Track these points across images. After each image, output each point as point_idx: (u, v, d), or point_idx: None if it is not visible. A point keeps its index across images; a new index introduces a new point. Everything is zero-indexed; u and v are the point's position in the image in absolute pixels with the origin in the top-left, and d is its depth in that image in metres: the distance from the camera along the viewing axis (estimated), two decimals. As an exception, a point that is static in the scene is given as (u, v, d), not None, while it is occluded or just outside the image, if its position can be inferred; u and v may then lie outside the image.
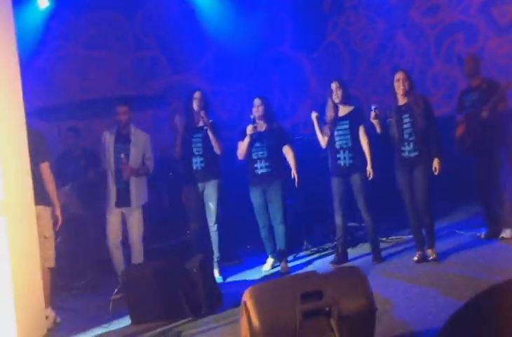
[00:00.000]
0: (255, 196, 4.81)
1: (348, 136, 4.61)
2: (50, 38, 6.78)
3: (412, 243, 4.67)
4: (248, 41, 7.17)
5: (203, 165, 4.70)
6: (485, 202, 4.84)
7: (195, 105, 4.74)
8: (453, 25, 6.54)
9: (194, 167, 4.71)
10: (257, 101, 4.80)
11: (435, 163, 4.29)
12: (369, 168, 4.56)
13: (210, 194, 4.70)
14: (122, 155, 4.61)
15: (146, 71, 7.31)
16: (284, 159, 4.85)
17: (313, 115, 4.70)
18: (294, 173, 4.75)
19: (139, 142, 4.74)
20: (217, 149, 4.69)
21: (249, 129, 4.69)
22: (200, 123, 4.73)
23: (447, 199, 5.67)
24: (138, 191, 4.71)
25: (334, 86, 4.65)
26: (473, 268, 4.09)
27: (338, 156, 4.63)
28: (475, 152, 4.76)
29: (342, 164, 4.62)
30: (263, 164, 4.73)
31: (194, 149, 4.71)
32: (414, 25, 6.87)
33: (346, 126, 4.61)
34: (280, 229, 4.75)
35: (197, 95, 4.75)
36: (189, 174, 4.77)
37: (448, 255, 4.48)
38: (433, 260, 4.36)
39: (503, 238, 4.70)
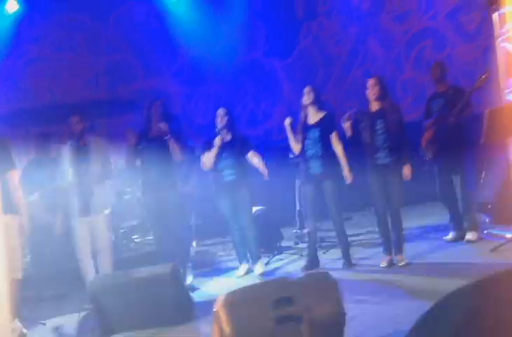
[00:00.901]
0: (224, 203, 4.85)
1: (319, 144, 4.63)
2: (20, 42, 6.68)
3: (381, 248, 4.72)
4: (222, 46, 7.19)
5: (160, 174, 4.63)
6: (450, 206, 4.94)
7: (153, 113, 4.69)
8: (422, 32, 6.69)
9: (153, 176, 4.66)
10: (220, 111, 4.81)
11: (406, 169, 4.37)
12: (346, 172, 4.58)
13: (175, 202, 4.67)
14: (82, 166, 4.55)
15: (118, 76, 7.24)
16: (248, 167, 4.90)
17: (287, 121, 4.72)
18: (263, 170, 4.77)
19: (98, 150, 4.68)
20: (178, 157, 4.64)
21: (217, 140, 4.73)
22: (159, 133, 4.65)
23: (414, 202, 5.77)
24: (100, 198, 4.62)
25: (306, 90, 4.70)
26: (441, 271, 4.18)
27: (309, 163, 4.67)
28: (442, 157, 4.85)
29: (313, 172, 4.66)
30: (230, 171, 4.77)
31: (151, 158, 4.64)
32: (385, 31, 7.00)
33: (317, 134, 4.64)
34: (250, 233, 4.80)
35: (157, 103, 4.72)
36: (149, 182, 4.71)
37: (416, 258, 4.56)
38: (401, 265, 4.43)
39: (468, 241, 4.80)
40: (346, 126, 4.43)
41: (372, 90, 4.41)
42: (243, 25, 7.36)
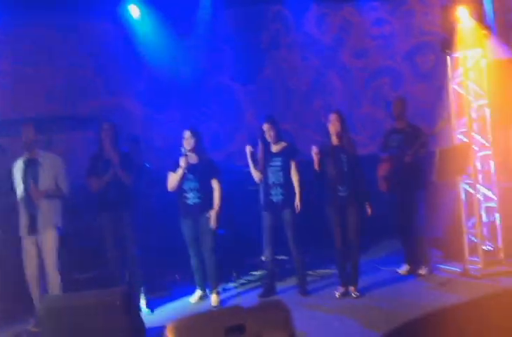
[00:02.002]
0: (187, 227, 4.79)
1: (281, 173, 4.73)
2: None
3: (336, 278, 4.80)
4: (187, 69, 7.22)
5: (116, 194, 4.64)
6: (404, 240, 5.10)
7: (104, 136, 4.70)
8: (380, 70, 6.96)
9: (108, 196, 4.65)
10: (186, 133, 4.78)
11: (367, 206, 4.51)
12: (297, 202, 4.68)
13: (128, 223, 4.66)
14: (31, 180, 4.43)
15: (78, 91, 7.13)
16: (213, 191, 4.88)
17: (247, 150, 4.78)
18: (215, 208, 4.73)
19: (49, 164, 4.55)
20: (125, 180, 4.64)
21: (182, 161, 4.68)
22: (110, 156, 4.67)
23: (369, 234, 5.89)
24: (49, 215, 4.47)
25: (265, 127, 4.76)
26: (392, 303, 4.31)
27: (271, 191, 4.73)
28: (397, 192, 5.02)
29: (274, 200, 4.73)
30: (194, 195, 4.72)
31: (106, 180, 4.64)
32: (344, 66, 7.24)
33: (279, 163, 4.73)
34: (211, 261, 4.74)
35: (106, 126, 4.73)
36: (102, 203, 4.70)
37: (369, 290, 4.68)
38: (355, 297, 4.51)
39: (420, 274, 4.96)
40: (316, 158, 4.50)
41: (333, 125, 4.56)
42: (209, 49, 7.45)
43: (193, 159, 4.80)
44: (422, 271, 4.98)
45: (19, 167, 4.55)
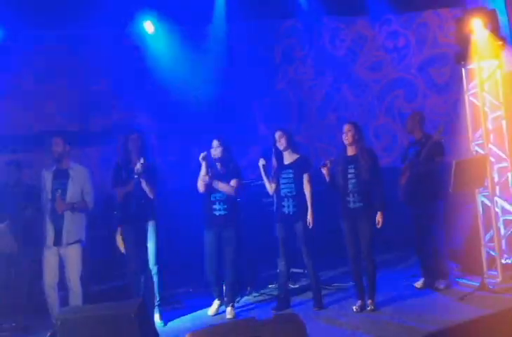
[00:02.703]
0: (210, 239, 4.76)
1: (293, 184, 4.72)
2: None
3: (353, 291, 4.74)
4: (200, 83, 7.29)
5: (139, 206, 4.63)
6: (421, 253, 5.02)
7: (131, 146, 4.70)
8: (395, 82, 6.95)
9: (131, 208, 4.64)
10: (215, 143, 4.82)
11: (379, 216, 4.45)
12: (309, 217, 4.64)
13: (149, 235, 4.65)
14: (59, 191, 4.46)
15: (92, 107, 7.22)
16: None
17: (260, 163, 4.79)
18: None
19: (78, 177, 4.60)
20: (149, 194, 4.63)
21: (201, 157, 4.69)
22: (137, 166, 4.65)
23: (386, 248, 5.83)
24: (75, 227, 4.51)
25: (277, 134, 4.80)
26: (410, 317, 4.22)
27: (283, 203, 4.73)
28: (414, 204, 4.97)
29: (286, 212, 4.71)
30: (221, 206, 4.73)
31: (131, 192, 4.63)
32: (359, 79, 7.25)
33: (291, 175, 4.73)
34: (230, 274, 4.72)
35: (134, 136, 4.73)
36: (125, 215, 4.69)
37: (387, 304, 4.59)
38: (372, 310, 4.45)
39: (437, 288, 4.87)
40: (324, 171, 4.51)
41: (346, 135, 4.56)
42: (222, 63, 7.52)
43: (220, 167, 4.82)
44: (440, 285, 4.89)
45: (47, 178, 4.58)
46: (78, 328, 3.66)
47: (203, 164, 4.72)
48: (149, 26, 7.15)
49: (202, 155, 4.70)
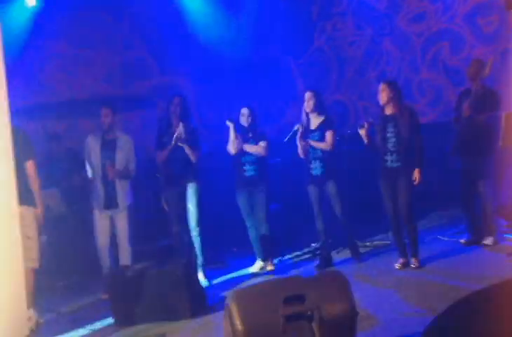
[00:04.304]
0: (242, 199, 4.97)
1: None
2: (37, 37, 6.72)
3: (394, 248, 4.71)
4: (237, 44, 7.18)
5: (180, 169, 4.76)
6: (469, 209, 4.90)
7: (173, 110, 4.76)
8: (439, 33, 6.62)
9: (172, 171, 4.79)
10: (244, 111, 4.94)
11: (416, 173, 4.36)
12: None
13: (190, 197, 4.77)
14: (108, 161, 4.65)
15: (133, 72, 7.27)
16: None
17: (296, 127, 4.81)
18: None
19: (124, 146, 4.78)
20: (192, 158, 4.75)
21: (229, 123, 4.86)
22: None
23: (431, 204, 5.73)
24: (124, 193, 4.74)
25: (307, 96, 4.82)
26: (454, 275, 4.15)
27: (311, 165, 4.82)
28: (465, 157, 4.81)
29: (314, 173, 4.81)
30: (251, 167, 4.91)
31: (172, 155, 4.75)
32: (401, 33, 6.95)
33: (316, 138, 4.80)
34: (264, 229, 4.92)
35: (176, 100, 4.78)
36: (167, 177, 4.86)
37: (431, 262, 4.54)
38: (416, 268, 4.42)
39: (485, 245, 4.77)
40: (362, 133, 4.46)
41: (380, 95, 4.46)
42: (258, 23, 7.36)
43: (249, 134, 4.94)
44: (487, 241, 4.78)
45: (95, 146, 4.74)
46: (128, 287, 3.83)
47: (231, 127, 4.85)
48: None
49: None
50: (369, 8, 7.11)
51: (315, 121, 4.84)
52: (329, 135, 4.75)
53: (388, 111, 4.49)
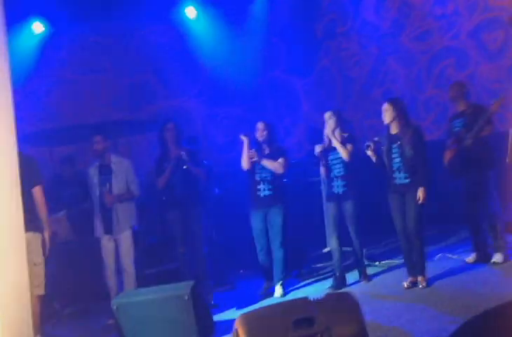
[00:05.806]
0: (256, 220, 4.78)
1: (341, 164, 4.70)
2: (45, 62, 6.85)
3: (403, 268, 4.66)
4: (242, 65, 7.26)
5: (182, 191, 4.78)
6: (474, 227, 4.83)
7: (167, 136, 4.81)
8: (443, 51, 6.64)
9: (174, 193, 4.81)
10: (260, 125, 4.83)
11: (420, 192, 4.32)
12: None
13: (194, 220, 4.79)
14: (107, 184, 4.71)
15: (140, 96, 7.37)
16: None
17: (317, 149, 4.79)
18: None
19: (121, 169, 4.82)
20: (198, 175, 4.79)
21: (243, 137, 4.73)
22: (177, 156, 4.79)
23: (437, 222, 5.67)
24: (123, 216, 4.75)
25: (327, 115, 4.76)
26: (463, 293, 4.07)
27: (332, 183, 4.75)
28: (464, 177, 4.79)
29: (336, 191, 4.73)
30: (266, 186, 4.74)
31: (173, 178, 4.78)
32: (405, 51, 6.98)
33: (338, 156, 4.70)
34: (279, 254, 4.73)
35: (170, 125, 4.83)
36: (170, 201, 4.86)
37: (438, 280, 4.47)
38: (423, 287, 4.35)
39: (494, 263, 4.68)
40: (369, 153, 4.46)
41: (384, 114, 4.45)
42: (262, 43, 7.44)
43: (266, 149, 4.83)
44: (496, 259, 4.70)
45: (93, 174, 4.83)
46: (135, 312, 3.79)
47: (245, 141, 4.73)
48: (190, 11, 7.17)
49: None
50: (374, 26, 7.17)
51: (337, 137, 4.73)
52: (348, 146, 4.66)
53: (393, 130, 4.49)
